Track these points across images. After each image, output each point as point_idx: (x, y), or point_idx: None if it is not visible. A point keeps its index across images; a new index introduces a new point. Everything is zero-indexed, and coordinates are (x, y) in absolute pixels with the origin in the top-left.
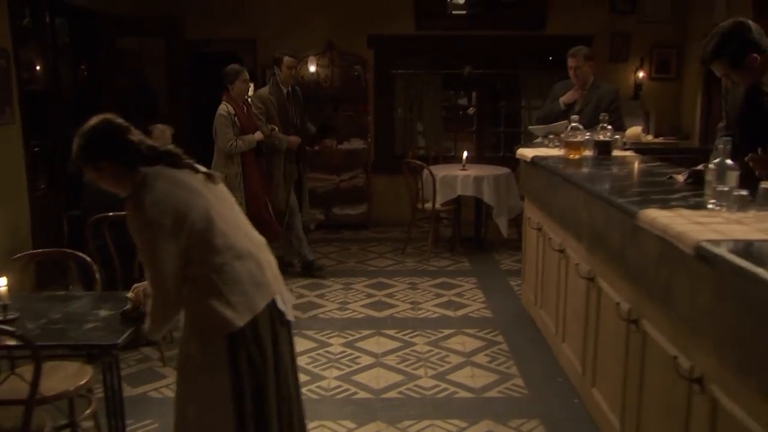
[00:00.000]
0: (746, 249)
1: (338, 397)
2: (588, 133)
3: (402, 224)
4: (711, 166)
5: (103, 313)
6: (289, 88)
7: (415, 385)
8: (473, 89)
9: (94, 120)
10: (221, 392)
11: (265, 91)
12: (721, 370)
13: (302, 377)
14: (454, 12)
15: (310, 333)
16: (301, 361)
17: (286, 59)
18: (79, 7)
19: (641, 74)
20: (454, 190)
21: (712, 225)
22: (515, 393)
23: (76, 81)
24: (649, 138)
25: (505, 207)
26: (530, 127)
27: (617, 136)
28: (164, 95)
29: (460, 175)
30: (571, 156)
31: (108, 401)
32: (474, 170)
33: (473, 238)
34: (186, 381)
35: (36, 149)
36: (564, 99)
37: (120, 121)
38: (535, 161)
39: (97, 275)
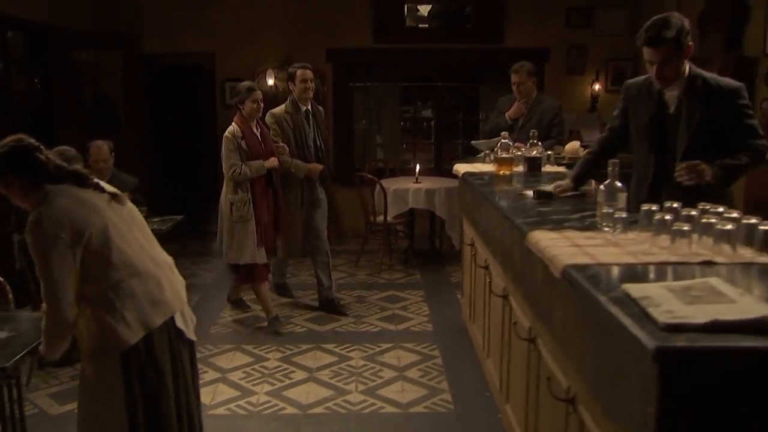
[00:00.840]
0: (604, 273)
1: (265, 413)
2: (523, 149)
3: (360, 237)
4: (601, 187)
5: (2, 334)
6: (309, 107)
7: (344, 401)
8: (432, 102)
9: (7, 138)
10: (117, 412)
11: (280, 108)
12: (586, 391)
13: (232, 393)
14: (411, 25)
15: (248, 348)
16: (234, 376)
17: (298, 72)
18: (34, 21)
19: (597, 86)
20: (405, 203)
21: (588, 248)
22: (441, 408)
23: (30, 94)
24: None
25: (457, 220)
26: (473, 141)
27: (549, 152)
28: (121, 108)
29: (411, 188)
30: (501, 172)
31: (6, 423)
32: (427, 183)
33: (428, 250)
34: (83, 403)
35: None
36: (509, 113)
37: (31, 140)
38: (465, 177)
39: (10, 295)
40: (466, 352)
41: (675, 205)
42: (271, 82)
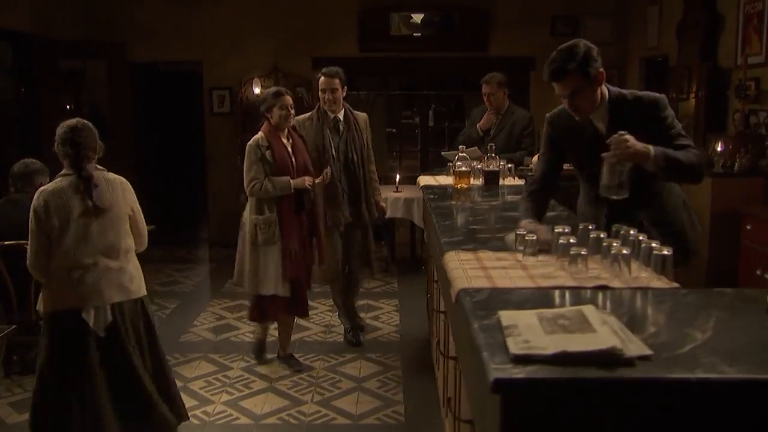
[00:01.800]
0: (493, 298)
1: (219, 422)
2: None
3: None
4: None
5: None
6: (340, 114)
7: (297, 411)
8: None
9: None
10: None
11: (305, 115)
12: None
13: (190, 402)
14: (396, 34)
15: (214, 357)
16: (195, 385)
17: (320, 80)
18: (20, 31)
19: None
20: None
21: (492, 270)
22: (391, 420)
23: (17, 102)
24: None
25: None
26: (443, 153)
27: (510, 165)
28: (108, 116)
29: (391, 197)
30: (459, 185)
31: None
32: (407, 192)
33: (409, 259)
34: None
35: None
36: (480, 124)
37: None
38: (422, 189)
39: None
40: (427, 364)
41: (590, 226)
42: (257, 90)
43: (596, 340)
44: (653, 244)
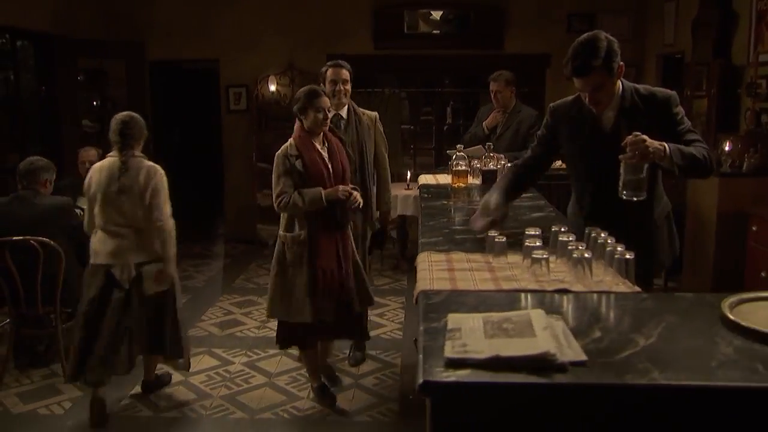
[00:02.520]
0: (450, 301)
1: (216, 416)
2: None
3: None
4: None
5: None
6: (343, 112)
7: (293, 407)
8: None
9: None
10: None
11: None
12: None
13: (189, 396)
14: (411, 31)
15: (218, 351)
16: (196, 380)
17: (329, 71)
18: (41, 31)
19: None
20: (394, 209)
21: (459, 272)
22: (384, 417)
23: (38, 100)
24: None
25: None
26: (448, 151)
27: (508, 164)
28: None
29: (400, 195)
30: (456, 184)
31: None
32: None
33: None
34: None
35: None
36: (486, 122)
37: None
38: (420, 188)
39: None
40: None
41: (562, 228)
42: (273, 88)
43: (532, 345)
44: (619, 248)
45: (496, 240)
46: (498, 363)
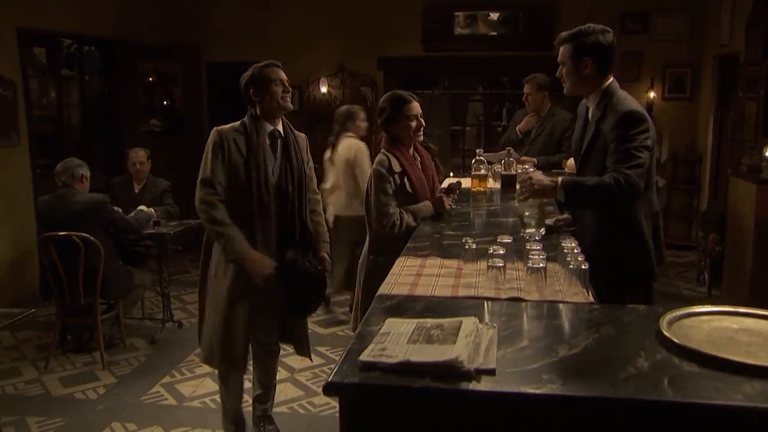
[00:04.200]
0: (400, 306)
1: None
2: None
3: None
4: None
5: None
6: (279, 128)
7: (308, 402)
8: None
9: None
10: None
11: (232, 125)
12: None
13: (212, 388)
14: (460, 33)
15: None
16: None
17: (267, 71)
18: (105, 37)
19: (652, 94)
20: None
21: (425, 277)
22: None
23: (102, 100)
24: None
25: None
26: (482, 154)
27: (531, 168)
28: (184, 113)
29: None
30: (475, 188)
31: None
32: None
33: None
34: None
35: (38, 170)
36: (520, 126)
37: None
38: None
39: None
40: None
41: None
42: (324, 89)
43: (446, 352)
44: (579, 258)
45: (466, 247)
46: (407, 368)
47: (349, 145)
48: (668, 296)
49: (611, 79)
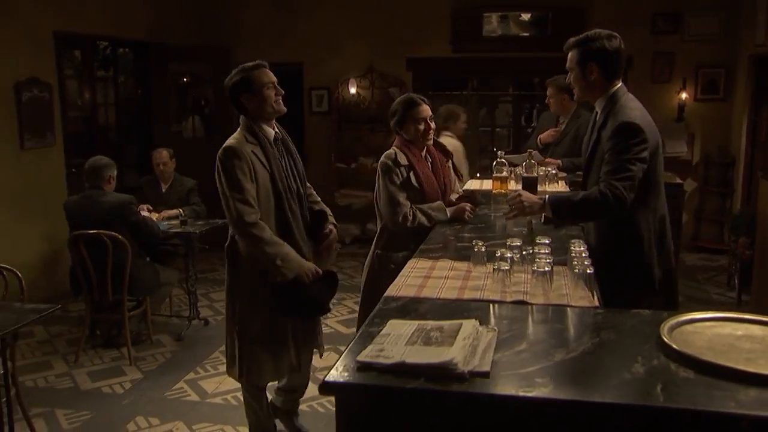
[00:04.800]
0: (404, 307)
1: None
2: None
3: None
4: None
5: None
6: (275, 127)
7: (329, 401)
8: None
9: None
10: None
11: (236, 137)
12: None
13: (235, 385)
14: (489, 34)
15: None
16: None
17: (257, 74)
18: (138, 39)
19: (684, 95)
20: None
21: (434, 279)
22: None
23: (135, 100)
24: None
25: None
26: (505, 156)
27: (553, 171)
28: (214, 114)
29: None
30: (496, 191)
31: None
32: None
33: None
34: None
35: (73, 169)
36: (542, 137)
37: None
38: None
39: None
40: None
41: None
42: (353, 90)
43: (441, 354)
44: (585, 262)
45: (476, 250)
46: (402, 369)
47: (447, 144)
48: (697, 301)
49: (619, 84)
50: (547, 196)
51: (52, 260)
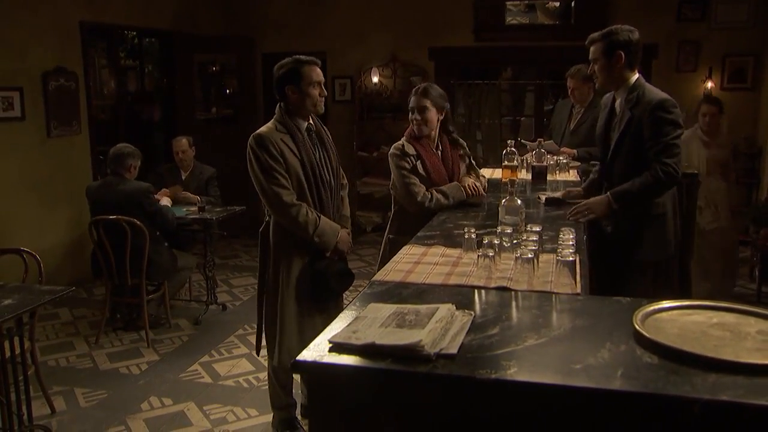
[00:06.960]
0: (389, 291)
1: (263, 388)
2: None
3: None
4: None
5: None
6: (311, 121)
7: None
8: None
9: None
10: None
11: (268, 126)
12: None
13: (248, 368)
14: (512, 23)
15: None
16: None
17: (307, 69)
18: (163, 29)
19: (710, 84)
20: None
21: (422, 265)
22: None
23: (160, 88)
24: None
25: None
26: (522, 140)
27: (565, 160)
28: (239, 103)
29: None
30: (505, 179)
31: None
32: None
33: None
34: None
35: (100, 156)
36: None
37: None
38: None
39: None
40: None
41: (535, 228)
42: (376, 79)
43: (411, 336)
44: (568, 250)
45: (466, 236)
46: (371, 350)
47: None
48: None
49: (637, 74)
50: (608, 193)
51: (77, 245)
